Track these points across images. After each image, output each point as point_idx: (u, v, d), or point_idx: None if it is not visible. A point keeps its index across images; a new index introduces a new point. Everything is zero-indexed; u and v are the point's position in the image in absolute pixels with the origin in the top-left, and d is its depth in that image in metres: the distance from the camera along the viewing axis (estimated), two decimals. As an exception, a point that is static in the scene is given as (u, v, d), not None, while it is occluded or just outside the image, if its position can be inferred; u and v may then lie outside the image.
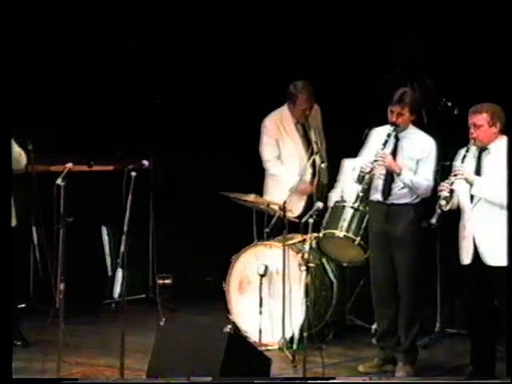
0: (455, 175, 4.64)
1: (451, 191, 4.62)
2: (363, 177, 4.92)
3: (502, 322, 4.68)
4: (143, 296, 6.42)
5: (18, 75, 4.94)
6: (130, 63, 6.73)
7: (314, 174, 5.94)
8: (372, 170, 4.91)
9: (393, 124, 4.99)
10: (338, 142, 6.11)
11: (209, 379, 4.27)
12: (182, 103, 6.96)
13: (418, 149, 5.01)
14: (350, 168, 5.25)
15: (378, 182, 5.03)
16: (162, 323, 4.62)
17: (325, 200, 5.77)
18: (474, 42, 6.19)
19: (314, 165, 5.90)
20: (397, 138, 5.01)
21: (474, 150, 4.68)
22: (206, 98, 6.85)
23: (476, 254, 4.67)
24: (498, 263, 4.63)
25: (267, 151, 5.98)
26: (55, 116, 6.52)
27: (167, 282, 6.68)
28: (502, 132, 4.69)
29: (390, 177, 5.00)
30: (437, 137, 5.10)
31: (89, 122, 6.69)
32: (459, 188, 4.68)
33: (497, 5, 5.70)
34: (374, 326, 5.49)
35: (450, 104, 5.92)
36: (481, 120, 4.63)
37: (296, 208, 5.81)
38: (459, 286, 5.07)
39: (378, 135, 5.09)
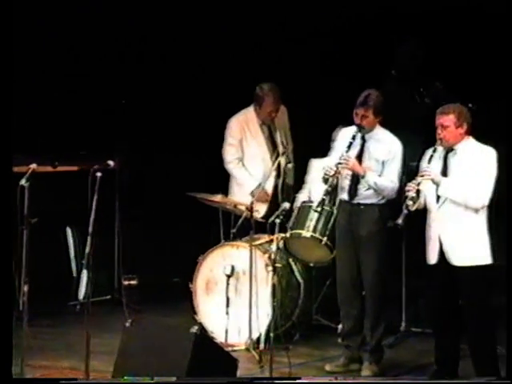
0: (422, 176, 4.67)
1: (418, 191, 4.66)
2: (327, 179, 4.95)
3: (466, 321, 4.72)
4: (109, 297, 6.37)
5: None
6: (87, 64, 6.67)
7: (278, 176, 5.94)
8: (336, 172, 4.93)
9: (358, 126, 5.02)
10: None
11: (173, 379, 4.24)
12: (148, 103, 6.92)
13: (384, 150, 5.04)
14: (318, 168, 5.27)
15: (345, 182, 5.05)
16: (127, 324, 4.58)
17: (292, 201, 5.78)
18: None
19: (279, 166, 5.90)
20: (363, 140, 5.04)
21: (440, 150, 4.72)
22: (175, 99, 6.83)
23: (442, 254, 4.70)
24: (463, 263, 4.68)
25: (229, 153, 5.98)
26: (19, 116, 6.44)
27: (133, 282, 6.64)
28: (468, 133, 4.74)
29: (356, 177, 5.03)
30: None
31: (53, 122, 6.62)
32: (426, 188, 4.71)
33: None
34: (340, 326, 5.50)
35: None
36: (448, 121, 4.67)
37: (260, 209, 5.81)
38: (424, 286, 5.11)
39: (346, 135, 5.12)
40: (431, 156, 4.70)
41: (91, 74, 6.68)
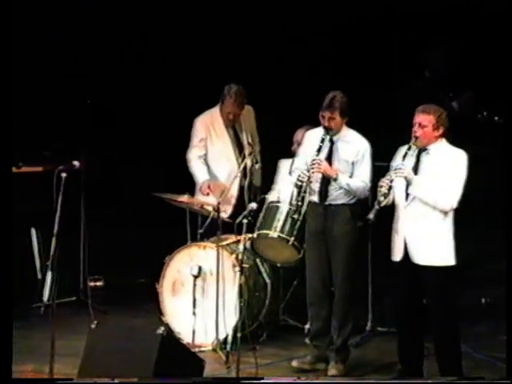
0: (396, 172, 4.68)
1: (390, 188, 4.68)
2: (301, 186, 4.95)
3: (431, 320, 4.75)
4: (74, 298, 6.31)
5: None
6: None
7: (244, 177, 5.93)
8: (309, 178, 4.94)
9: (325, 128, 5.03)
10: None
11: (135, 379, 4.22)
12: (115, 102, 6.88)
13: (353, 151, 5.06)
14: (286, 168, 5.27)
15: (316, 185, 5.06)
16: (93, 326, 4.54)
17: (260, 201, 5.77)
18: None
19: (245, 167, 5.90)
20: (331, 142, 5.05)
21: (414, 148, 4.74)
22: (144, 98, 6.80)
23: (406, 252, 4.73)
24: (427, 263, 4.71)
25: (192, 151, 5.97)
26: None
27: (99, 284, 6.59)
28: (443, 136, 4.75)
29: (327, 180, 5.04)
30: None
31: (17, 122, 6.53)
32: (396, 185, 4.73)
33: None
34: (307, 326, 5.52)
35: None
36: (426, 121, 4.68)
37: (226, 209, 5.79)
38: (390, 285, 5.14)
39: (312, 137, 5.12)
40: (405, 153, 4.71)
41: (57, 74, 6.62)
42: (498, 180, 6.17)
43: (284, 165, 5.74)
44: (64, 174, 4.69)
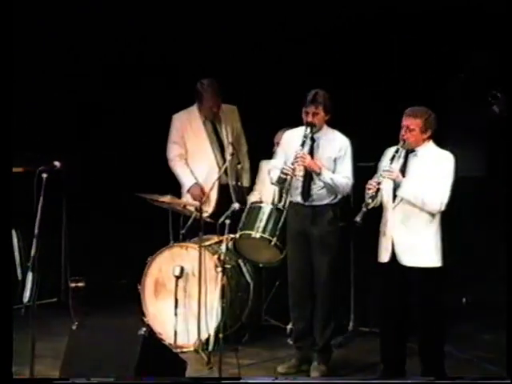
0: (384, 175, 4.69)
1: (378, 190, 4.68)
2: (285, 179, 4.94)
3: (417, 321, 4.77)
4: (55, 300, 6.28)
5: None
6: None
7: (226, 176, 5.92)
8: (294, 170, 4.92)
9: (308, 124, 5.03)
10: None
11: (111, 379, 4.20)
12: (97, 102, 6.85)
13: (335, 147, 5.06)
14: (268, 169, 5.27)
15: (298, 184, 5.05)
16: (74, 327, 4.52)
17: (244, 202, 5.77)
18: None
19: (227, 167, 5.89)
20: (312, 140, 5.04)
21: (401, 150, 4.75)
22: (126, 98, 6.77)
23: (393, 253, 4.74)
24: (414, 264, 4.72)
25: (171, 150, 5.97)
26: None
27: (80, 284, 6.54)
28: (431, 138, 4.76)
29: (309, 178, 5.03)
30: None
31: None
32: (383, 187, 4.74)
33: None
34: (289, 326, 5.52)
35: None
36: (414, 124, 4.69)
37: (208, 209, 5.78)
38: (372, 285, 5.15)
39: (292, 137, 5.12)
40: (393, 156, 4.72)
41: (38, 73, 6.58)
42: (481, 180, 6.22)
43: (265, 165, 5.74)
44: (45, 175, 4.66)
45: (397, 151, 4.73)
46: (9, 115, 4.43)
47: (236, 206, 5.46)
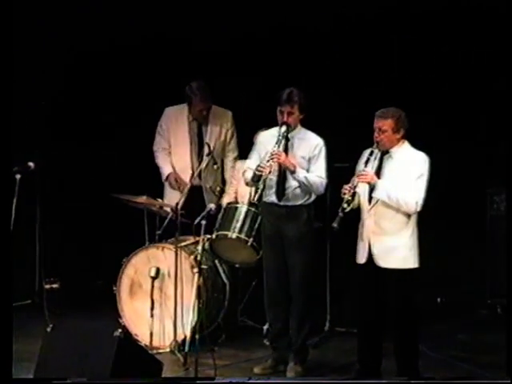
0: (359, 178, 4.70)
1: (354, 194, 4.69)
2: (260, 176, 4.93)
3: (392, 322, 4.79)
4: (29, 301, 6.22)
5: None
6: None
7: (199, 176, 5.91)
8: (269, 167, 4.92)
9: (283, 124, 5.03)
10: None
11: (84, 379, 4.17)
12: (70, 102, 6.80)
13: (309, 147, 5.06)
14: (243, 169, 5.26)
15: (272, 184, 5.06)
16: (48, 329, 4.47)
17: (220, 203, 5.76)
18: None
19: (206, 166, 5.88)
20: (287, 139, 5.04)
21: (376, 152, 4.78)
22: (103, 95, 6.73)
23: (370, 254, 4.76)
24: (390, 265, 4.74)
25: (156, 142, 6.00)
26: None
27: (55, 286, 6.50)
28: (404, 138, 4.79)
29: (283, 178, 5.04)
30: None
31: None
32: (360, 189, 4.75)
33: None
34: (265, 327, 5.53)
35: None
36: (386, 125, 4.72)
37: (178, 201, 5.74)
38: (348, 286, 5.17)
39: (266, 137, 5.12)
40: (368, 159, 4.74)
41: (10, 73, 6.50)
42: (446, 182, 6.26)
43: (241, 165, 5.74)
44: (18, 176, 4.62)
45: (371, 153, 4.76)
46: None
47: (212, 206, 5.45)
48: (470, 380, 4.79)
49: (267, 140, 5.07)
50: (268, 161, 4.91)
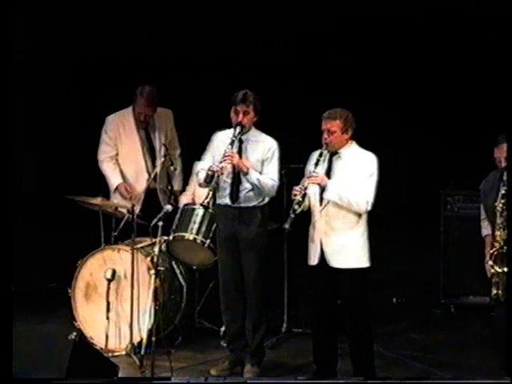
0: (309, 179, 4.72)
1: (304, 195, 4.71)
2: (212, 176, 4.92)
3: (345, 322, 4.82)
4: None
5: None
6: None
7: (154, 179, 5.88)
8: (221, 168, 4.91)
9: (238, 124, 5.02)
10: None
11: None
12: (21, 103, 6.69)
13: (263, 149, 5.06)
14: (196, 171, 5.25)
15: (226, 186, 5.05)
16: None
17: (176, 204, 5.73)
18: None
19: (162, 168, 5.85)
20: (240, 141, 5.03)
21: (325, 153, 4.80)
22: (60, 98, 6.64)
23: (322, 255, 4.79)
24: (341, 265, 4.78)
25: (101, 151, 5.92)
26: None
27: (8, 289, 6.38)
28: (352, 138, 4.83)
29: (237, 180, 5.03)
30: None
31: None
32: (310, 191, 4.78)
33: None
34: (222, 329, 5.51)
35: None
36: (334, 126, 4.75)
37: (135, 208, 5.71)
38: (305, 287, 5.19)
39: (219, 139, 5.10)
40: (318, 160, 4.76)
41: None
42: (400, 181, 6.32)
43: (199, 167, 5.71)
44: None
45: (320, 155, 4.79)
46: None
47: (169, 207, 5.41)
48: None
49: (221, 141, 5.06)
50: (221, 162, 4.91)
